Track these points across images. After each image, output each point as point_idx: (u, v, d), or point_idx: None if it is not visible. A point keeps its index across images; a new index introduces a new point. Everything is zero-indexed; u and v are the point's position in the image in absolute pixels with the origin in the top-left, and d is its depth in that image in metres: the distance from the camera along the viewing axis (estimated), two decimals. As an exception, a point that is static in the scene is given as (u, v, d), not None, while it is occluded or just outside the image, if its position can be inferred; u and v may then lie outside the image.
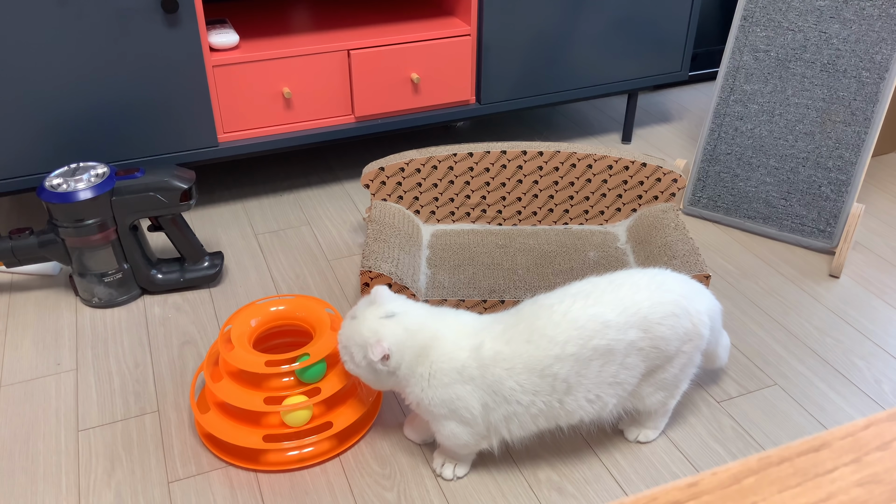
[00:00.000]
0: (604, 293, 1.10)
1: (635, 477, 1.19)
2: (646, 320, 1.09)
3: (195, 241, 1.56)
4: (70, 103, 1.55)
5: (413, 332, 1.08)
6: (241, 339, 1.21)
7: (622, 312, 1.08)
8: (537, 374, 1.07)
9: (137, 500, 1.14)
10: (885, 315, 1.53)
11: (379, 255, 1.47)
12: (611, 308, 1.09)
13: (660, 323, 1.09)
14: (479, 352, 1.08)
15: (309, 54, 1.69)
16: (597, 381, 1.09)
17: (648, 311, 1.09)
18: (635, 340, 1.09)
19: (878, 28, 1.59)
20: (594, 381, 1.09)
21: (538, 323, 1.08)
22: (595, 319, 1.07)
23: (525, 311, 1.12)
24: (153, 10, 1.52)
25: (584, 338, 1.07)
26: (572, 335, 1.07)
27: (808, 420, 1.29)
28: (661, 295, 1.11)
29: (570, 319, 1.07)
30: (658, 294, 1.11)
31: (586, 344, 1.07)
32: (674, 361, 1.14)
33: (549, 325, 1.08)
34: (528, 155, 1.66)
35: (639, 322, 1.09)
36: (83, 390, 1.34)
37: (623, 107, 2.41)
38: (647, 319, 1.09)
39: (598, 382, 1.09)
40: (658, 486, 0.44)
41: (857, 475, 0.43)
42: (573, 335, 1.07)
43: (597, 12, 1.89)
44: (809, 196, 1.70)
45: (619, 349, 1.08)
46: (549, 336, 1.07)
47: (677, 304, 1.11)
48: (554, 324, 1.08)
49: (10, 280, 1.62)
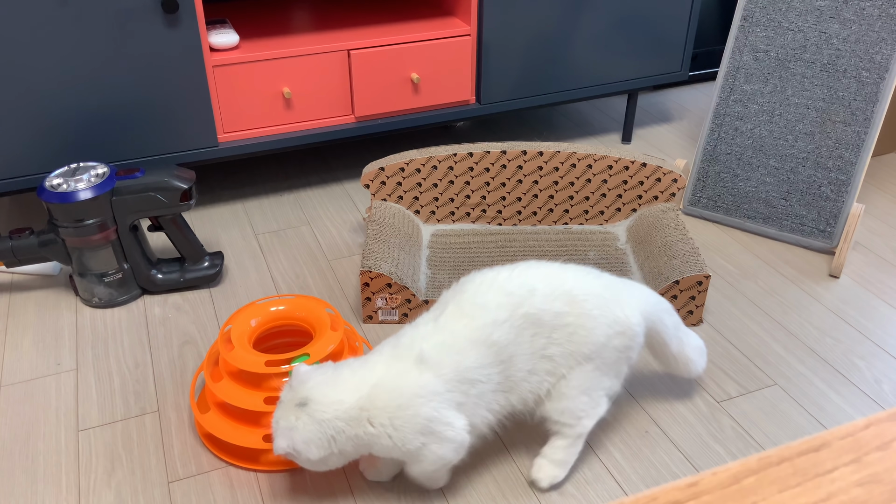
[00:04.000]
0: (530, 267, 1.12)
1: (635, 477, 1.19)
2: (570, 294, 1.09)
3: (195, 241, 1.56)
4: (70, 103, 1.55)
5: (329, 421, 1.01)
6: (241, 339, 1.21)
7: (549, 283, 1.09)
8: (483, 345, 1.06)
9: (137, 500, 1.14)
10: (885, 315, 1.53)
11: (379, 255, 1.47)
12: (538, 279, 1.10)
13: (585, 300, 1.09)
14: (423, 362, 1.04)
15: (309, 54, 1.69)
16: (530, 351, 1.08)
17: (573, 286, 1.10)
18: (561, 313, 1.08)
19: (878, 28, 1.59)
20: (528, 353, 1.08)
21: (466, 295, 1.08)
22: (523, 287, 1.08)
23: (447, 295, 1.12)
24: (153, 11, 1.52)
25: (513, 305, 1.07)
26: (502, 301, 1.07)
27: (808, 420, 1.29)
28: (588, 277, 1.13)
29: (499, 286, 1.08)
30: (585, 275, 1.13)
31: (515, 311, 1.07)
32: (602, 354, 1.11)
33: (478, 293, 1.08)
34: (528, 155, 1.66)
35: (564, 295, 1.09)
36: (83, 390, 1.34)
37: (623, 107, 2.41)
38: (572, 294, 1.09)
39: (531, 354, 1.08)
40: (658, 486, 0.44)
41: (856, 475, 0.43)
42: (503, 301, 1.07)
43: (597, 12, 1.89)
44: (809, 196, 1.70)
45: (546, 320, 1.08)
46: (479, 304, 1.07)
47: (606, 287, 1.12)
48: (483, 292, 1.08)
49: (10, 280, 1.62)
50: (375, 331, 1.47)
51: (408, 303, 1.46)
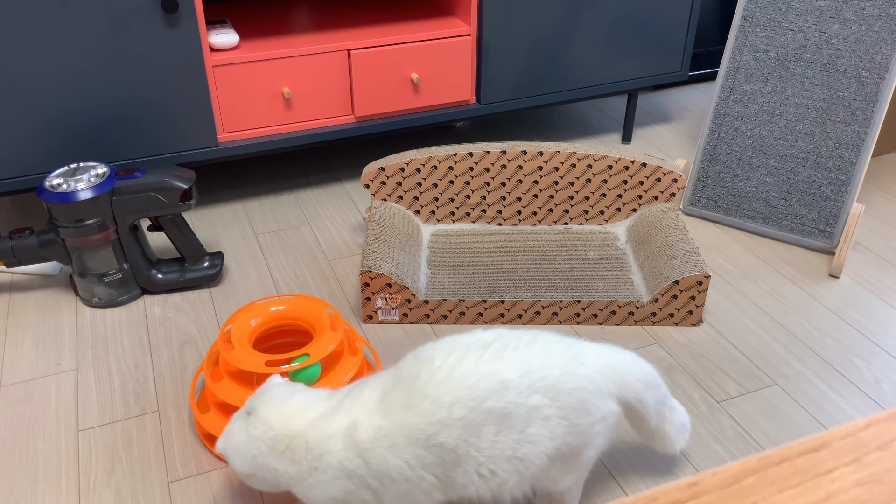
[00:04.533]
0: (506, 347, 0.95)
1: (635, 477, 1.19)
2: (554, 388, 0.94)
3: (195, 241, 1.56)
4: (70, 103, 1.55)
5: (256, 439, 0.98)
6: (241, 339, 1.21)
7: (526, 374, 0.93)
8: (421, 446, 0.92)
9: (137, 500, 1.14)
10: (885, 315, 1.53)
11: (379, 255, 1.47)
12: (512, 369, 0.93)
13: (569, 395, 0.95)
14: (353, 436, 0.94)
15: (309, 54, 1.69)
16: (491, 452, 0.92)
17: (558, 381, 0.94)
18: (539, 407, 0.93)
19: (878, 28, 1.59)
20: (488, 453, 0.92)
21: (419, 382, 0.93)
22: (492, 378, 0.92)
23: (404, 368, 0.96)
24: (153, 11, 1.52)
25: (474, 400, 0.91)
26: (460, 396, 0.91)
27: (808, 420, 1.29)
28: (575, 366, 0.97)
29: (460, 376, 0.92)
30: (572, 364, 0.97)
31: (477, 406, 0.91)
32: (587, 443, 0.99)
33: (432, 383, 0.92)
34: (528, 155, 1.66)
35: (546, 389, 0.93)
36: (83, 390, 1.34)
37: (623, 107, 2.41)
38: (556, 388, 0.94)
39: (492, 455, 0.92)
40: (658, 486, 0.44)
41: (856, 475, 0.43)
42: (461, 396, 0.91)
43: (597, 12, 1.89)
44: (809, 196, 1.70)
45: (518, 414, 0.92)
46: (431, 397, 0.92)
47: (591, 380, 0.97)
48: (438, 382, 0.92)
49: (10, 280, 1.62)
50: (375, 331, 1.47)
51: (408, 303, 1.46)
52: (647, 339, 1.46)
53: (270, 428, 0.98)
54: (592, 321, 1.48)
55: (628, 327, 1.49)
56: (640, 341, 1.45)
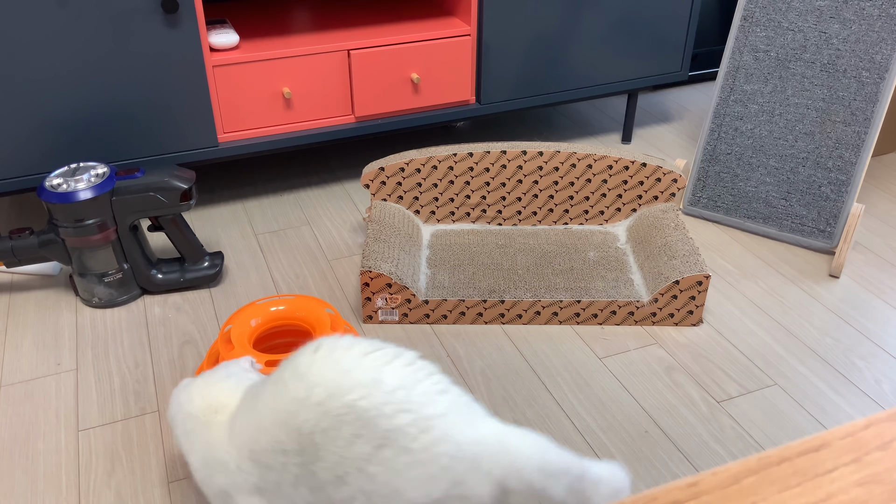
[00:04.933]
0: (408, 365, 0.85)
1: (635, 477, 1.19)
2: (426, 424, 0.82)
3: (195, 241, 1.56)
4: (70, 103, 1.55)
5: (180, 408, 1.00)
6: (241, 339, 1.21)
7: (406, 391, 0.83)
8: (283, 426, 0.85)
9: (137, 500, 1.14)
10: (885, 315, 1.53)
11: (379, 255, 1.47)
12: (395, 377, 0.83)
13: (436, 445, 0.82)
14: (231, 428, 0.94)
15: (309, 54, 1.69)
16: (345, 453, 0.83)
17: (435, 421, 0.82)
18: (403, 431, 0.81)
19: (878, 28, 1.59)
20: (342, 453, 0.83)
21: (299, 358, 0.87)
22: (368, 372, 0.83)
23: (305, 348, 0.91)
24: (153, 11, 1.52)
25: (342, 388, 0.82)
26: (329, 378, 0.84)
27: (808, 420, 1.29)
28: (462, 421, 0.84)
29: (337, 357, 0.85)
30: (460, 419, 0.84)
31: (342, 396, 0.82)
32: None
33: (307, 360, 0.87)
34: (528, 155, 1.66)
35: (419, 420, 0.82)
36: (83, 390, 1.34)
37: (623, 107, 2.41)
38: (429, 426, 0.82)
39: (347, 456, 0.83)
40: (658, 486, 0.44)
41: (856, 475, 0.43)
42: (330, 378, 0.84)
43: (597, 12, 1.89)
44: (809, 196, 1.70)
45: (380, 426, 0.82)
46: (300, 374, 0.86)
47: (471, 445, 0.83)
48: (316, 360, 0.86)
49: (10, 280, 1.62)
50: (375, 331, 1.47)
51: (408, 303, 1.46)
52: (647, 339, 1.46)
53: (190, 401, 1.00)
54: (592, 321, 1.48)
55: (628, 327, 1.49)
56: (640, 341, 1.45)
